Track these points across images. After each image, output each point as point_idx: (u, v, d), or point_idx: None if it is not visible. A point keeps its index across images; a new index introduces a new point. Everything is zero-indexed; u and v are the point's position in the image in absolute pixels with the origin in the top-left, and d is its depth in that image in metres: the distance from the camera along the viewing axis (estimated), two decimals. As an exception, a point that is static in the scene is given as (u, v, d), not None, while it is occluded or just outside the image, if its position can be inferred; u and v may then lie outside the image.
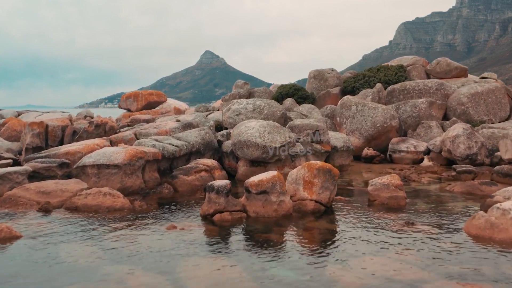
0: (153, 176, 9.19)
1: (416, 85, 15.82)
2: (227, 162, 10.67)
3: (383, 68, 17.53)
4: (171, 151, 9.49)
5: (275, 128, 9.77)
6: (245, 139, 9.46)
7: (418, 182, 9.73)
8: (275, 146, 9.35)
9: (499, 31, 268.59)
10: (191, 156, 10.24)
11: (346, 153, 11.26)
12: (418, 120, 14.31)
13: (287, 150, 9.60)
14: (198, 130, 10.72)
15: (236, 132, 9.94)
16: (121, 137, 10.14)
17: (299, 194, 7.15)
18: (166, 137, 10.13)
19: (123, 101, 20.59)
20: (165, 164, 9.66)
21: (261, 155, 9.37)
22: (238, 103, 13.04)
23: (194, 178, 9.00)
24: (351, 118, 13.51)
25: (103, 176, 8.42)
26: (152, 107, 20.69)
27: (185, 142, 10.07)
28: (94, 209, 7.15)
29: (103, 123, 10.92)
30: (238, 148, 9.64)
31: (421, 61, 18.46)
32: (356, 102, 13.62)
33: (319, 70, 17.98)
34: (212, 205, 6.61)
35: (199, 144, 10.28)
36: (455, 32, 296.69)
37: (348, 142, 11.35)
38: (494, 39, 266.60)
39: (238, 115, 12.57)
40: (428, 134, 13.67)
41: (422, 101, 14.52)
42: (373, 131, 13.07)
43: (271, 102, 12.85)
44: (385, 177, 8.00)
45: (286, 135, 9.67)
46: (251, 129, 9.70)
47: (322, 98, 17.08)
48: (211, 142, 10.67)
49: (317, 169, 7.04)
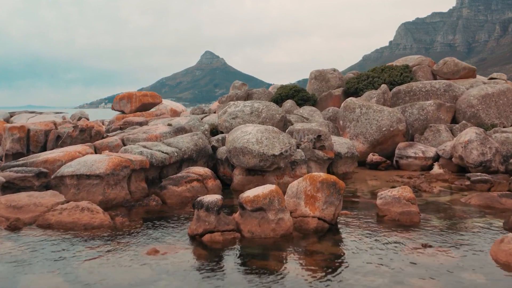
0: (140, 186, 8.41)
1: (423, 86, 15.02)
2: (222, 170, 9.87)
3: (388, 68, 16.73)
4: (160, 158, 8.69)
5: (274, 133, 8.97)
6: (241, 145, 8.66)
7: (429, 193, 8.93)
8: (274, 154, 8.55)
9: (500, 32, 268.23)
10: (183, 164, 9.45)
11: (350, 160, 10.46)
12: (426, 123, 13.51)
13: (287, 158, 8.80)
14: (191, 135, 9.92)
15: (231, 137, 9.15)
16: (106, 143, 9.34)
17: (300, 210, 6.34)
18: (155, 143, 9.34)
19: (116, 102, 19.79)
20: (154, 173, 8.87)
21: (259, 163, 8.57)
22: (235, 106, 12.25)
23: (184, 189, 8.20)
24: (355, 122, 12.70)
25: (83, 188, 7.63)
26: (146, 108, 19.90)
27: (176, 148, 9.27)
28: (69, 226, 6.35)
29: (88, 128, 10.13)
30: (233, 155, 8.84)
31: (427, 61, 17.67)
32: (360, 105, 12.83)
33: (320, 70, 17.18)
34: (201, 224, 5.81)
35: (191, 150, 9.48)
36: (456, 32, 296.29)
37: (353, 148, 10.55)
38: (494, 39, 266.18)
39: (234, 118, 11.78)
40: (437, 139, 12.87)
41: (430, 103, 13.72)
42: (379, 135, 12.27)
43: (270, 104, 12.06)
44: (396, 189, 7.20)
45: (285, 141, 8.87)
46: (248, 134, 8.91)
47: (324, 99, 16.27)
48: (205, 148, 9.87)
49: (320, 182, 6.24)
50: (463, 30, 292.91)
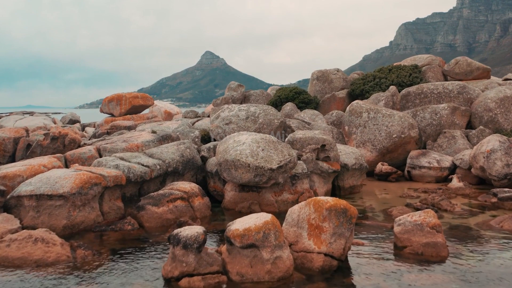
0: (114, 206, 7.20)
1: (434, 88, 13.81)
2: (212, 184, 8.66)
3: (396, 68, 15.51)
4: (139, 173, 7.47)
5: (271, 143, 7.76)
6: (233, 158, 7.45)
7: (451, 213, 7.71)
8: (271, 168, 7.33)
9: (500, 32, 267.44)
10: (167, 178, 8.23)
11: (358, 172, 9.24)
12: (439, 129, 12.30)
13: (286, 172, 7.58)
14: (177, 145, 8.71)
15: (222, 148, 7.93)
16: (78, 154, 8.12)
17: (302, 243, 5.13)
18: (135, 154, 8.12)
19: (105, 104, 18.58)
20: (132, 189, 7.65)
21: (253, 178, 7.36)
22: (229, 110, 11.03)
23: (166, 210, 6.98)
24: (361, 127, 11.49)
25: (44, 210, 6.41)
26: (137, 111, 18.69)
27: (159, 160, 8.06)
28: (17, 263, 5.15)
29: (61, 135, 8.92)
30: (224, 169, 7.62)
31: (437, 61, 16.45)
32: (367, 108, 11.61)
33: (323, 70, 15.96)
34: (177, 264, 4.60)
35: (176, 162, 8.27)
36: (456, 32, 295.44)
37: (361, 158, 9.33)
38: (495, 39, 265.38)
39: (228, 124, 10.56)
40: (452, 146, 11.66)
41: (443, 107, 12.50)
42: (388, 142, 11.05)
43: (268, 108, 10.84)
44: (417, 213, 5.98)
45: (284, 152, 7.65)
46: (241, 144, 7.69)
47: (327, 102, 15.05)
48: (193, 159, 8.66)
49: (327, 209, 5.02)
50: (464, 30, 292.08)
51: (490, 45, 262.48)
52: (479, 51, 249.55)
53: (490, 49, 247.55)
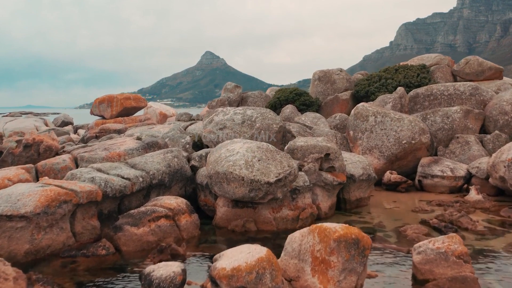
0: (89, 225, 6.29)
1: (445, 89, 12.89)
2: (202, 198, 7.75)
3: (402, 68, 14.59)
4: (118, 187, 6.55)
5: (269, 153, 6.84)
6: (225, 170, 6.53)
7: (473, 232, 6.79)
8: (269, 181, 6.41)
9: (500, 32, 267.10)
10: (152, 191, 7.32)
11: (366, 183, 8.32)
12: (451, 133, 11.38)
13: (286, 186, 6.66)
14: (163, 153, 7.79)
15: (213, 158, 7.01)
16: (51, 165, 7.20)
17: (304, 280, 4.22)
18: (115, 164, 7.20)
19: (95, 106, 17.67)
20: (111, 206, 6.74)
21: (248, 193, 6.43)
22: (224, 113, 10.12)
23: (147, 231, 6.06)
24: (368, 132, 10.56)
25: (3, 233, 5.50)
26: (129, 113, 17.78)
27: (142, 171, 7.14)
28: (-43, 305, 4.23)
29: (35, 143, 8.00)
30: (215, 182, 6.70)
31: (446, 60, 15.53)
32: (374, 112, 10.69)
33: (325, 70, 15.03)
34: (149, 313, 3.69)
35: (162, 173, 7.35)
36: (456, 33, 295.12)
37: (369, 168, 8.40)
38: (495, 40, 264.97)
39: (222, 129, 9.65)
40: (466, 153, 10.74)
41: (455, 110, 11.58)
42: (398, 149, 10.13)
43: (266, 112, 9.92)
44: (439, 239, 5.06)
45: (284, 163, 6.73)
46: (235, 154, 6.77)
47: (329, 104, 14.13)
48: (181, 169, 7.74)
49: (336, 240, 4.10)
50: (464, 30, 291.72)
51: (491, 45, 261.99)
52: (480, 51, 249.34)
53: (491, 49, 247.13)
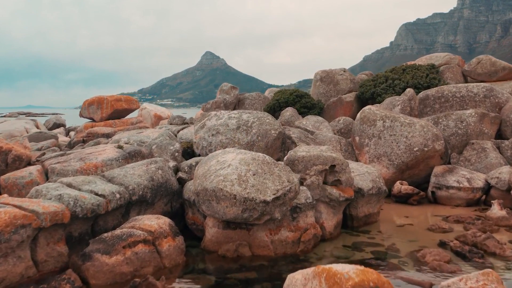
0: (54, 252, 5.36)
1: (457, 90, 11.97)
2: (190, 215, 6.82)
3: (410, 68, 13.66)
4: (90, 206, 5.62)
5: (266, 165, 5.91)
6: (215, 186, 5.60)
7: (501, 257, 5.86)
8: (265, 200, 5.48)
9: (501, 32, 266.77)
10: (131, 209, 6.39)
11: (375, 197, 7.38)
12: (466, 139, 10.46)
13: (285, 204, 5.73)
14: (146, 165, 6.85)
15: (201, 171, 6.08)
16: (14, 179, 6.26)
17: None
18: (89, 178, 6.26)
19: (84, 108, 16.74)
20: (83, 227, 5.80)
21: (241, 214, 5.50)
22: (217, 117, 9.19)
23: (121, 260, 5.12)
24: (376, 139, 9.63)
25: None
26: (120, 115, 16.85)
27: (119, 186, 6.21)
28: None
29: (3, 152, 7.07)
30: (203, 200, 5.77)
31: (456, 60, 14.61)
32: (382, 116, 9.75)
33: (327, 70, 14.10)
34: None
35: (144, 188, 6.42)
36: (456, 33, 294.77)
37: (379, 180, 7.47)
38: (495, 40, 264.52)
39: (215, 135, 8.72)
40: (482, 160, 9.81)
41: (470, 113, 10.65)
42: (409, 157, 9.20)
43: (263, 116, 8.99)
44: (473, 277, 4.11)
45: (283, 178, 5.80)
46: (226, 167, 5.85)
47: (332, 107, 13.20)
48: (166, 183, 6.80)
49: (349, 290, 3.17)
50: (464, 30, 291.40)
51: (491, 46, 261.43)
52: (480, 51, 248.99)
53: (491, 49, 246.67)
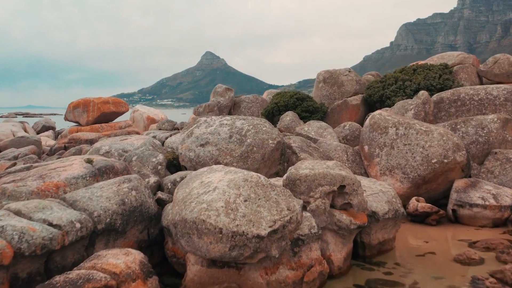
0: (-10, 301, 4.20)
1: (474, 93, 10.83)
2: (170, 246, 5.67)
3: (422, 68, 12.51)
4: (40, 241, 4.48)
5: (260, 188, 4.76)
6: (196, 216, 4.46)
7: (554, 303, 4.72)
8: (259, 234, 4.34)
9: (501, 32, 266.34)
10: (97, 239, 5.24)
11: (392, 221, 6.24)
12: (487, 147, 9.32)
13: (284, 238, 4.59)
14: (118, 184, 5.71)
15: (181, 195, 4.94)
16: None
17: None
18: (44, 203, 5.11)
19: (69, 111, 15.58)
20: (32, 266, 4.66)
21: (229, 252, 4.36)
22: (207, 124, 8.05)
23: (72, 315, 3.98)
24: (388, 148, 8.48)
25: None
26: (108, 119, 15.69)
27: (81, 213, 5.06)
28: None
29: None
30: (182, 233, 4.62)
31: (471, 59, 13.46)
32: (395, 122, 8.61)
33: (331, 71, 12.94)
34: None
35: (112, 214, 5.27)
36: (457, 33, 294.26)
37: (396, 201, 6.32)
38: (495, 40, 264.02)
39: (204, 145, 7.57)
40: (508, 173, 8.67)
41: (492, 119, 9.51)
42: (426, 170, 8.06)
43: (260, 123, 7.85)
44: None
45: (282, 205, 4.66)
46: (211, 191, 4.71)
47: (337, 111, 12.05)
48: (141, 206, 5.65)
49: None
50: (464, 31, 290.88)
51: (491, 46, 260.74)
52: (480, 51, 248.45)
53: (491, 49, 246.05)
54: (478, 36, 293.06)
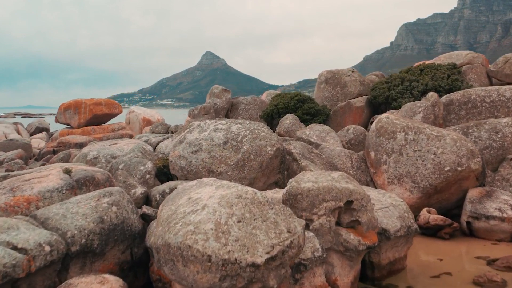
0: None
1: (486, 94, 10.20)
2: (155, 268, 5.03)
3: (429, 68, 11.88)
4: (0, 268, 3.85)
5: (256, 207, 4.13)
6: (180, 241, 3.83)
7: None
8: (255, 262, 3.72)
9: (501, 32, 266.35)
10: (72, 262, 4.61)
11: (404, 239, 5.61)
12: (502, 153, 8.69)
13: (283, 265, 3.96)
14: (97, 198, 5.08)
15: (165, 213, 4.31)
16: None
17: None
18: (10, 222, 4.48)
19: (60, 113, 14.97)
20: (-8, 297, 4.02)
21: (219, 283, 3.73)
22: (200, 129, 7.42)
23: None
24: (396, 155, 7.86)
25: None
26: (101, 121, 15.08)
27: (52, 234, 4.43)
28: None
29: None
30: (165, 260, 3.99)
31: (480, 59, 12.83)
32: (404, 126, 7.99)
33: (333, 71, 12.31)
34: None
35: (89, 234, 4.64)
36: (457, 33, 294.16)
37: (409, 217, 5.69)
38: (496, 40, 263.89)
39: (196, 152, 6.94)
40: (526, 181, 8.04)
41: (507, 122, 8.89)
42: (438, 179, 7.43)
43: (258, 128, 7.22)
44: None
45: (281, 226, 4.03)
46: (200, 209, 4.09)
47: (340, 113, 11.42)
48: (124, 224, 5.02)
49: None
50: (465, 31, 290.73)
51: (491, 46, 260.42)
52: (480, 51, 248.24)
53: (491, 49, 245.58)
54: (478, 36, 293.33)
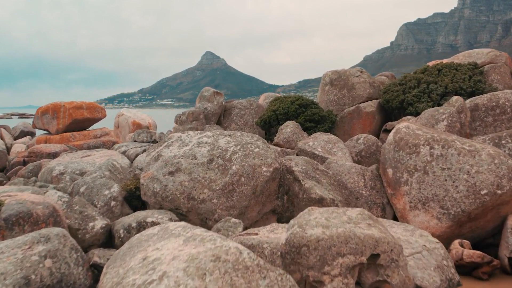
0: None
1: (517, 99, 8.82)
2: None
3: (448, 68, 10.48)
4: None
5: (241, 275, 2.75)
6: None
7: None
8: None
9: (502, 32, 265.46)
10: None
11: (443, 296, 4.22)
12: (542, 169, 7.28)
13: None
14: (28, 246, 3.69)
15: (108, 282, 2.93)
16: None
17: None
18: None
19: (38, 118, 13.60)
20: None
21: None
22: (181, 142, 6.04)
23: None
24: (420, 174, 6.46)
25: None
26: (82, 126, 13.70)
27: None
28: None
29: None
30: None
31: (504, 58, 11.43)
32: (429, 138, 6.59)
33: (339, 71, 10.89)
34: None
35: (5, 305, 3.25)
36: (457, 33, 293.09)
37: (449, 265, 4.31)
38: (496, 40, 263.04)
39: (173, 173, 5.56)
40: None
41: (547, 132, 7.50)
42: (472, 204, 6.03)
43: (251, 141, 5.83)
44: None
45: (278, 306, 2.65)
46: (156, 280, 2.69)
47: (348, 119, 10.03)
48: (61, 283, 3.63)
49: None
50: (465, 30, 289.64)
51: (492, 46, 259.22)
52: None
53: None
54: (479, 36, 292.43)
